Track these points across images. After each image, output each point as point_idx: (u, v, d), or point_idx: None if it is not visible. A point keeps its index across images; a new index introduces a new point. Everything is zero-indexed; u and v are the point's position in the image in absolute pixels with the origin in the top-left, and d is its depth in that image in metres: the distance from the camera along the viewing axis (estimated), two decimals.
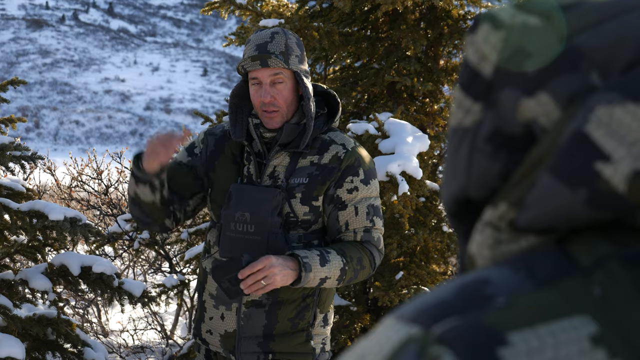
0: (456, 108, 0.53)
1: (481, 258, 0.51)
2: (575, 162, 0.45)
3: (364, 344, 0.47)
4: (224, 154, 2.36)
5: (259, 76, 2.21)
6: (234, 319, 2.29)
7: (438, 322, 0.43)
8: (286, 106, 2.24)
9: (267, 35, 2.23)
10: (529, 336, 0.41)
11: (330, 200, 2.26)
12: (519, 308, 0.43)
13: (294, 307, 2.28)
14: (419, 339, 0.43)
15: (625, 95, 0.44)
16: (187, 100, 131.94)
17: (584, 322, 0.42)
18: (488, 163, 0.51)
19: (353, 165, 2.26)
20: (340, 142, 2.29)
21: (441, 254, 4.47)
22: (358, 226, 2.26)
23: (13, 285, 3.90)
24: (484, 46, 0.50)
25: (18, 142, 3.89)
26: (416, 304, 0.46)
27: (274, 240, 2.20)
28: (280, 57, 2.20)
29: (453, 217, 0.55)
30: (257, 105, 2.24)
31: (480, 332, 0.42)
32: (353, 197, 2.26)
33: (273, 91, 2.21)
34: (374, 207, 2.30)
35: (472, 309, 0.43)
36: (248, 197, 2.24)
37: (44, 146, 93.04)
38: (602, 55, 0.46)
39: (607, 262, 0.44)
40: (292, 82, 2.25)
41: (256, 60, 2.19)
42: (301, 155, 2.27)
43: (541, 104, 0.48)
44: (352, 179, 2.26)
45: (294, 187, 2.24)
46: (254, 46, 2.22)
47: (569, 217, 0.46)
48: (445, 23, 4.44)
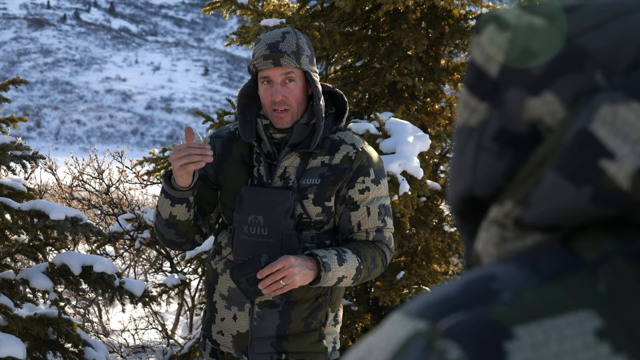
0: (462, 108, 0.54)
1: (487, 256, 0.51)
2: (580, 160, 0.45)
3: (371, 340, 0.47)
4: (232, 156, 2.35)
5: (270, 75, 2.21)
6: (246, 320, 2.29)
7: (444, 317, 0.44)
8: (297, 105, 2.24)
9: (279, 35, 2.23)
10: (534, 330, 0.42)
11: (342, 201, 2.27)
12: (524, 303, 0.43)
13: (307, 307, 2.28)
14: (426, 334, 0.44)
15: (629, 94, 0.45)
16: (188, 100, 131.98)
17: (588, 316, 0.42)
18: (494, 162, 0.51)
19: (364, 165, 2.27)
20: (350, 141, 2.30)
21: (442, 254, 4.47)
22: (370, 226, 2.28)
23: (14, 284, 3.90)
24: (489, 47, 0.51)
25: (19, 142, 3.89)
26: (422, 300, 0.47)
27: (287, 242, 2.20)
28: (292, 57, 2.20)
29: (459, 215, 0.56)
30: (267, 105, 2.23)
31: (486, 326, 0.42)
32: (365, 197, 2.27)
33: (284, 90, 2.21)
34: (384, 206, 2.31)
35: (478, 304, 0.44)
36: (260, 199, 2.24)
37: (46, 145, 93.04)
38: (606, 55, 0.47)
39: (612, 258, 0.44)
40: (302, 81, 2.25)
41: (268, 59, 2.19)
42: (311, 155, 2.27)
43: (546, 103, 0.49)
44: (363, 179, 2.27)
45: (306, 187, 2.25)
46: (265, 45, 2.21)
47: (573, 214, 0.46)
48: (447, 22, 4.44)
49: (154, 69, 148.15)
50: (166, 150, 5.19)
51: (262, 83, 2.24)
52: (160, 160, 5.11)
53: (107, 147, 9.65)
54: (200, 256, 4.77)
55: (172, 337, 6.09)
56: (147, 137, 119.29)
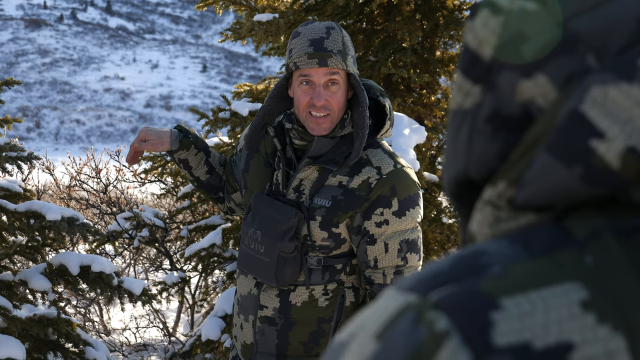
0: (456, 91, 0.55)
1: (481, 236, 0.52)
2: (571, 140, 0.46)
3: (364, 314, 0.48)
4: (258, 153, 2.23)
5: (312, 75, 2.00)
6: (251, 332, 2.19)
7: (434, 290, 0.45)
8: (338, 111, 2.03)
9: (322, 30, 2.01)
10: (520, 301, 0.43)
11: (357, 232, 2.06)
12: (513, 276, 0.44)
13: (307, 331, 2.12)
14: (416, 306, 0.45)
15: (619, 75, 0.46)
16: (187, 97, 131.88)
17: (574, 288, 0.43)
18: (487, 143, 0.52)
19: (385, 195, 2.02)
20: (376, 164, 2.05)
21: (441, 246, 4.47)
22: (388, 264, 2.06)
23: (12, 286, 3.89)
24: (483, 31, 0.52)
25: (14, 143, 3.88)
26: (414, 276, 0.48)
27: (283, 265, 2.06)
28: (339, 57, 1.99)
29: (455, 198, 0.57)
30: (303, 107, 2.03)
31: (474, 297, 0.44)
32: (383, 231, 2.04)
33: (327, 94, 2.01)
34: (407, 242, 2.06)
35: (468, 277, 0.45)
36: (263, 213, 2.10)
37: (45, 146, 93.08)
38: (598, 38, 0.48)
39: (601, 235, 0.45)
40: (345, 85, 2.04)
41: (313, 57, 1.98)
42: (331, 172, 2.06)
43: (538, 85, 0.49)
44: (382, 212, 2.03)
45: (316, 208, 2.05)
46: (307, 41, 2.00)
47: (565, 193, 0.47)
48: (441, 14, 4.42)
49: (152, 67, 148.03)
50: None
51: (301, 83, 2.02)
52: (157, 159, 5.10)
53: (107, 146, 9.64)
54: (199, 253, 4.76)
55: (173, 335, 6.09)
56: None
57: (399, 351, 0.44)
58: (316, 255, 2.08)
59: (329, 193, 2.05)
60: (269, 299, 2.14)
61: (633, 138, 0.45)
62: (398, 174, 2.05)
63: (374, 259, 2.06)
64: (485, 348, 0.42)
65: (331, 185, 2.06)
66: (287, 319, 2.12)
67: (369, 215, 2.03)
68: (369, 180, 2.03)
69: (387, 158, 2.07)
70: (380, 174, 2.03)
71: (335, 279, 2.11)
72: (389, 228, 2.04)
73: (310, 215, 2.06)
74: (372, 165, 2.05)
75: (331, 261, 2.09)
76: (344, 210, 2.04)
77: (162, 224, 5.59)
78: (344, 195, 2.04)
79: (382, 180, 2.03)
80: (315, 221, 2.05)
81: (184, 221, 6.12)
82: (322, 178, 2.07)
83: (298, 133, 2.10)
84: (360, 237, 2.06)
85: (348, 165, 2.05)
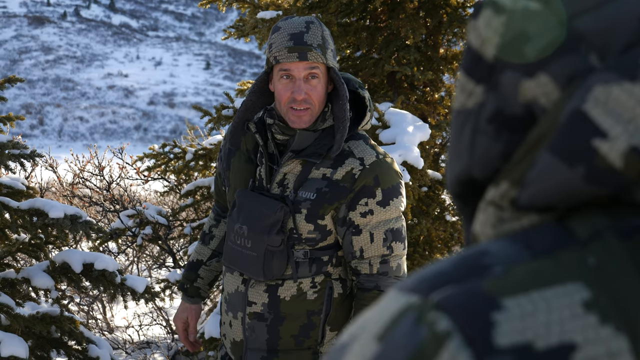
0: (459, 91, 0.55)
1: (484, 237, 0.52)
2: (574, 139, 0.46)
3: (366, 315, 0.48)
4: (239, 150, 2.24)
5: (292, 69, 2.02)
6: (240, 329, 2.19)
7: (436, 290, 0.45)
8: (318, 105, 2.06)
9: (302, 24, 2.03)
10: (522, 301, 0.43)
11: (342, 223, 2.09)
12: (515, 276, 0.44)
13: (297, 325, 2.13)
14: (418, 307, 0.45)
15: (622, 74, 0.45)
16: (190, 94, 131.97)
17: (577, 288, 0.43)
18: (490, 143, 0.52)
19: (369, 185, 2.05)
20: (359, 155, 2.08)
21: (445, 244, 4.46)
22: (374, 254, 2.09)
23: (15, 283, 3.89)
24: (486, 30, 0.52)
25: (17, 140, 3.88)
26: (416, 276, 0.48)
27: (270, 259, 2.07)
28: (319, 51, 2.02)
29: (458, 198, 0.57)
30: (285, 101, 2.05)
31: (475, 298, 0.43)
32: (367, 221, 2.06)
33: (307, 87, 2.03)
34: (392, 231, 2.09)
35: (470, 278, 0.45)
36: (248, 208, 2.11)
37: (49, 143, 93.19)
38: (601, 38, 0.48)
39: (603, 235, 0.45)
40: (325, 78, 2.06)
41: (293, 51, 2.00)
42: (314, 165, 2.09)
43: (541, 85, 0.49)
44: (366, 202, 2.05)
45: (301, 201, 2.07)
46: (287, 35, 2.02)
47: (568, 193, 0.47)
48: (444, 11, 4.41)
49: (155, 65, 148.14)
50: (166, 146, 5.18)
51: (282, 77, 2.04)
52: (160, 156, 5.10)
53: (111, 144, 9.66)
54: None
55: (176, 333, 6.09)
56: (150, 132, 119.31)
57: (401, 352, 0.44)
58: (302, 248, 2.10)
59: (314, 186, 2.08)
60: (257, 294, 2.14)
61: (636, 137, 0.45)
62: (380, 164, 2.07)
63: (359, 249, 2.09)
64: (486, 348, 0.42)
65: (315, 177, 2.08)
66: (277, 313, 2.13)
67: (354, 206, 2.06)
68: (352, 171, 2.06)
69: (369, 149, 2.10)
70: (363, 164, 2.06)
71: (322, 271, 2.13)
72: (374, 218, 2.07)
73: (296, 208, 2.08)
74: (355, 157, 2.07)
75: (317, 253, 2.11)
76: (329, 202, 2.06)
77: (165, 222, 5.59)
78: (329, 187, 2.06)
79: (365, 170, 2.06)
80: (300, 214, 2.07)
81: (187, 219, 6.11)
82: (305, 171, 2.09)
83: (280, 128, 2.11)
84: (346, 228, 2.09)
85: (331, 158, 2.08)
